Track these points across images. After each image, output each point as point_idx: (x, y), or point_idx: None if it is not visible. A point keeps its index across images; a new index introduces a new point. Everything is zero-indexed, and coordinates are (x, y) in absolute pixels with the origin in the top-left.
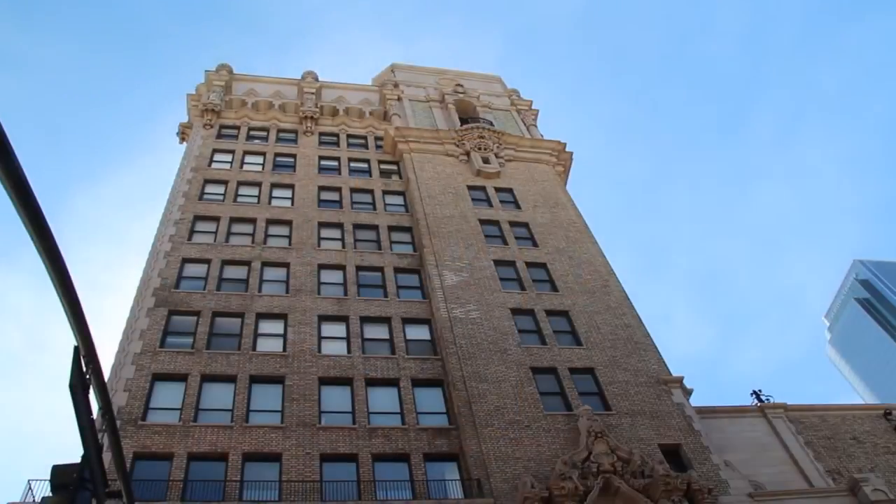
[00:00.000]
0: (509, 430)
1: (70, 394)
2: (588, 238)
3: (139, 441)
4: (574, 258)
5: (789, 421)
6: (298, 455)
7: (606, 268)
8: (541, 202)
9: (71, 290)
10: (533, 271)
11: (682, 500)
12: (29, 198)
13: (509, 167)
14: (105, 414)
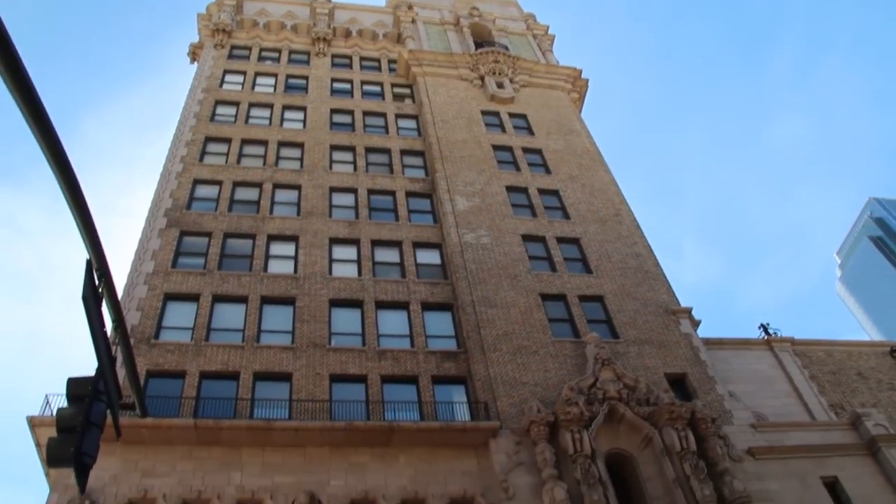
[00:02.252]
0: (517, 355)
1: (83, 305)
2: (601, 166)
3: (152, 359)
4: (586, 186)
5: (795, 355)
6: (308, 375)
7: (619, 197)
8: (554, 129)
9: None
10: (545, 198)
11: (685, 428)
12: (33, 96)
13: (524, 93)
14: (118, 328)
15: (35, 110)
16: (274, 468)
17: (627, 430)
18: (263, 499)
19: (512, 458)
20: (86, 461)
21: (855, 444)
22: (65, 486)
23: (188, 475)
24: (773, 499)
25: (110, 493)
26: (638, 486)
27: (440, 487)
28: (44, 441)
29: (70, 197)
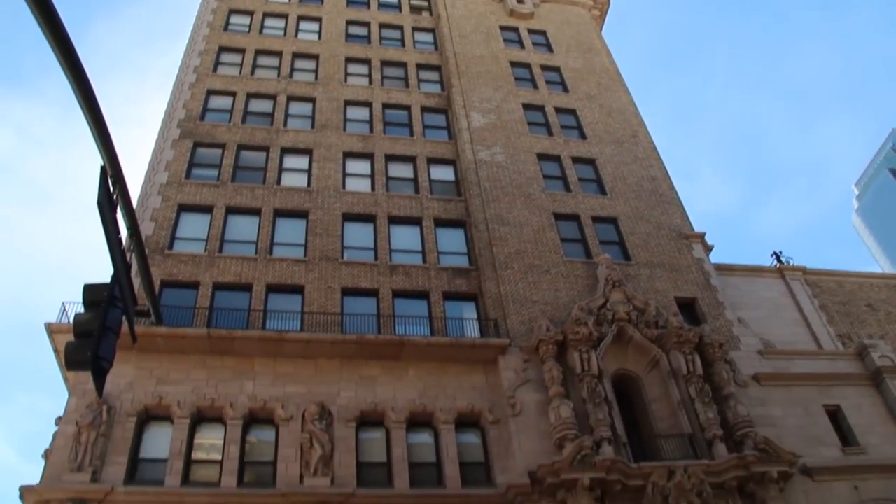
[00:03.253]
0: (528, 274)
1: (98, 212)
2: (620, 86)
3: (166, 269)
4: (604, 106)
5: (806, 284)
6: (320, 288)
7: (637, 118)
8: (574, 47)
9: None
10: (562, 117)
11: (692, 352)
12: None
13: (544, 8)
14: (133, 235)
15: (47, 12)
16: (285, 378)
17: (635, 351)
18: (275, 408)
19: (520, 375)
20: (102, 365)
21: (860, 374)
22: (83, 391)
23: (202, 383)
24: (776, 424)
25: (126, 399)
26: (643, 407)
27: (448, 402)
28: (62, 347)
29: (83, 100)
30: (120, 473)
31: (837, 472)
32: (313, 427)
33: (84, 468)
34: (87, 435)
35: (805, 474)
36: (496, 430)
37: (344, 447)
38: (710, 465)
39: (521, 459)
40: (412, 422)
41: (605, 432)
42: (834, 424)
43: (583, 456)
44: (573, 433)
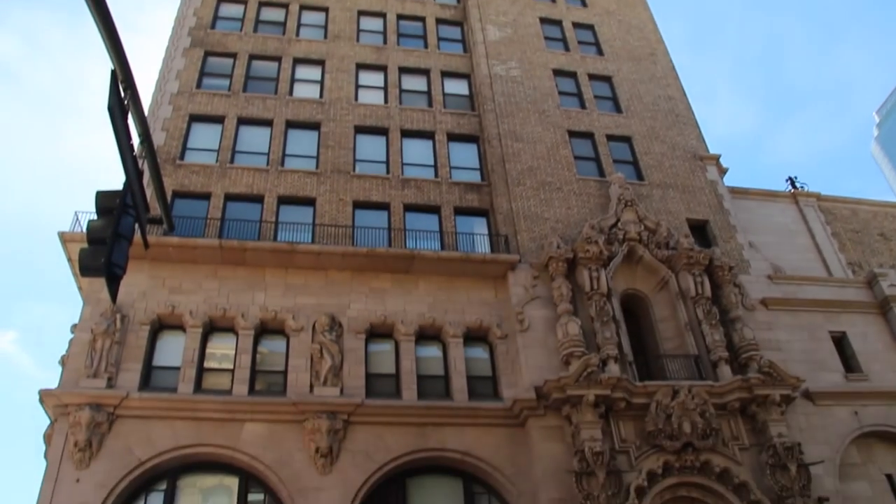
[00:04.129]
0: (540, 191)
1: (109, 117)
2: (640, 2)
3: (177, 180)
4: (623, 22)
5: (820, 210)
6: (332, 200)
7: (656, 35)
8: None
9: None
10: (579, 32)
11: (702, 274)
12: None
13: None
14: (144, 142)
15: None
16: (296, 290)
17: (644, 271)
18: (286, 318)
19: (529, 291)
20: (116, 271)
21: (868, 302)
22: (97, 299)
23: (213, 293)
24: (781, 348)
25: (139, 308)
26: (650, 327)
27: (457, 316)
28: (75, 256)
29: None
30: (134, 380)
31: (839, 398)
32: (323, 338)
33: (100, 374)
34: (102, 342)
35: (807, 398)
36: (504, 346)
37: (353, 358)
38: (713, 386)
39: (527, 375)
40: (421, 335)
41: (611, 350)
42: (838, 351)
43: (589, 373)
44: (580, 350)
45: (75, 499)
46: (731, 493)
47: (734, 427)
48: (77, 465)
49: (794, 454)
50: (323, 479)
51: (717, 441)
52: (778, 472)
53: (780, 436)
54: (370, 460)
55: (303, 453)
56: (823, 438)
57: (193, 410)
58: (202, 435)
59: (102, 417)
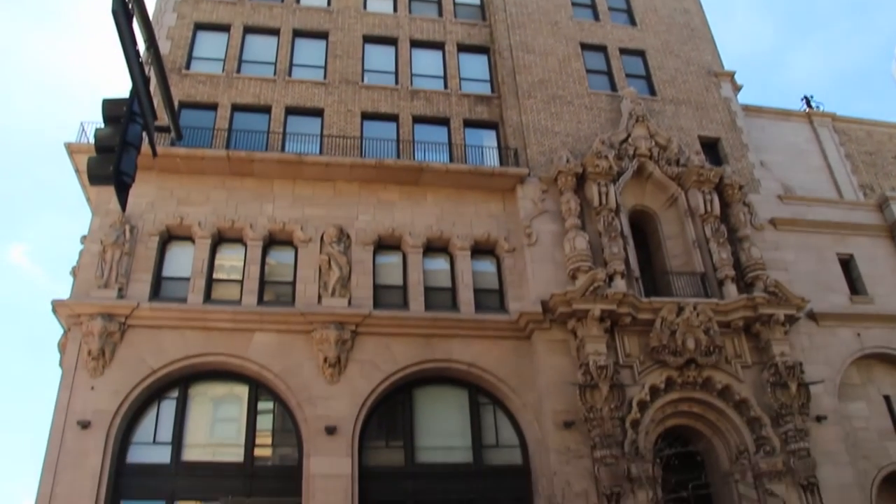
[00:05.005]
0: (551, 104)
1: (113, 21)
2: None
3: (183, 90)
4: None
5: (834, 131)
6: (340, 111)
7: None
8: None
9: None
10: None
11: (711, 192)
12: None
13: None
14: (150, 47)
15: None
16: (304, 201)
17: (654, 188)
18: (294, 230)
19: (537, 205)
20: (125, 179)
21: (877, 225)
22: (105, 210)
23: (222, 204)
24: (788, 269)
25: (148, 219)
26: (658, 244)
27: (465, 229)
28: (82, 167)
29: None
30: (144, 290)
31: (843, 319)
32: (331, 249)
33: (110, 285)
34: (112, 253)
35: (811, 319)
36: (511, 259)
37: (361, 269)
38: (719, 304)
39: (534, 288)
40: (429, 247)
41: (618, 266)
42: (845, 273)
43: (595, 287)
44: (587, 265)
45: (91, 406)
46: (732, 410)
47: (737, 345)
48: (91, 374)
49: (795, 373)
50: (331, 388)
51: (719, 358)
52: (778, 390)
53: (782, 355)
54: (377, 370)
55: (311, 363)
56: (825, 359)
57: (203, 320)
58: (212, 344)
59: (114, 327)
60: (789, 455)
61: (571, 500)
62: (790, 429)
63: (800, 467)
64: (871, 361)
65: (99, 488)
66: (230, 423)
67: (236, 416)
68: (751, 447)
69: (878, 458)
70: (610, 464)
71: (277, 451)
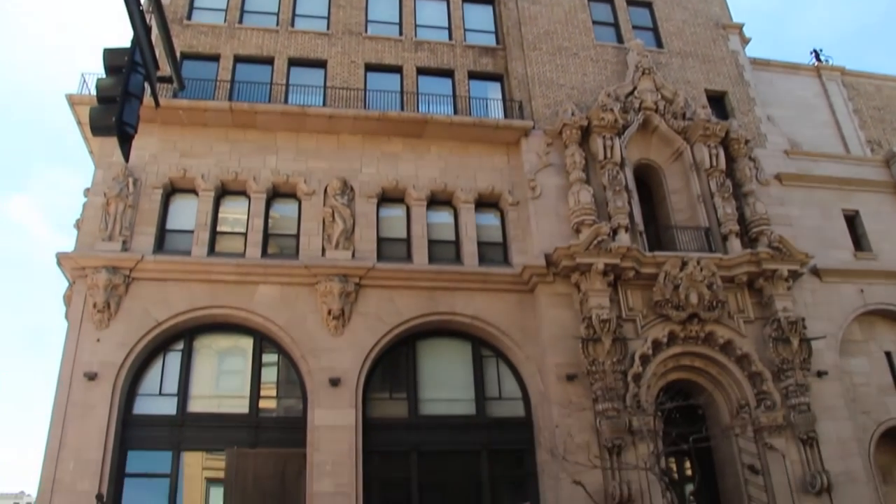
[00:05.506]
0: (556, 56)
1: None
2: None
3: (185, 41)
4: None
5: (843, 86)
6: (343, 63)
7: None
8: None
9: None
10: None
11: (717, 146)
12: None
13: None
14: None
15: None
16: (308, 153)
17: (659, 142)
18: (297, 182)
19: (542, 158)
20: (127, 130)
21: (884, 181)
22: (108, 163)
23: (225, 157)
24: (792, 224)
25: (151, 172)
26: (662, 198)
27: (469, 182)
28: (85, 119)
29: None
30: (148, 243)
31: (846, 275)
32: (335, 202)
33: (114, 238)
34: (115, 206)
35: (814, 274)
36: (515, 212)
37: (365, 222)
38: (722, 258)
39: (538, 242)
40: (433, 200)
41: (622, 220)
42: (850, 229)
43: (599, 241)
44: (591, 219)
45: (97, 357)
46: (733, 364)
47: (740, 300)
48: (97, 326)
49: (798, 328)
50: (335, 340)
51: (722, 313)
52: (780, 345)
53: (784, 310)
54: (381, 323)
55: (315, 315)
56: (827, 314)
57: (207, 273)
58: (216, 297)
59: (119, 280)
60: (789, 410)
61: (573, 451)
62: (791, 384)
63: (800, 422)
64: (873, 318)
65: (106, 439)
66: (235, 374)
67: (241, 368)
68: (751, 401)
69: (878, 414)
70: (611, 417)
71: (282, 402)
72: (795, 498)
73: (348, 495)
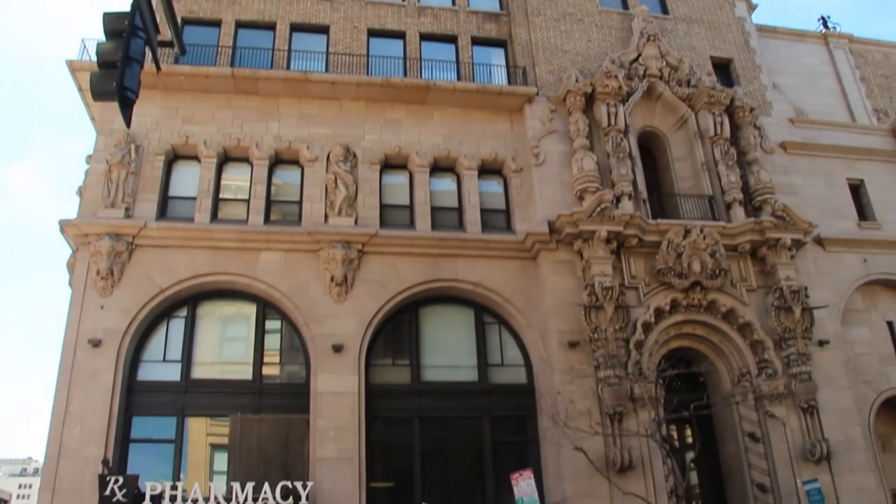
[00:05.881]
0: (561, 22)
1: None
2: None
3: (186, 6)
4: None
5: (850, 53)
6: (346, 28)
7: None
8: None
9: None
10: None
11: (722, 114)
12: None
13: None
14: None
15: None
16: (310, 120)
17: (663, 109)
18: (300, 149)
19: (545, 125)
20: (128, 95)
21: (890, 150)
22: (110, 129)
23: (227, 123)
24: (797, 193)
25: (153, 138)
26: (666, 166)
27: (472, 148)
28: (85, 85)
29: None
30: (151, 210)
31: (850, 245)
32: (338, 168)
33: (117, 205)
34: (118, 173)
35: (818, 244)
36: (518, 180)
37: (368, 189)
38: (726, 227)
39: (541, 209)
40: (436, 167)
41: (626, 187)
42: (854, 198)
43: (602, 209)
44: (594, 186)
45: (101, 324)
46: (735, 332)
47: (743, 268)
48: (101, 293)
49: (800, 297)
50: (338, 306)
51: (725, 281)
52: (782, 314)
53: (787, 279)
54: (384, 289)
55: (318, 282)
56: (830, 284)
57: (210, 240)
58: (220, 263)
59: (122, 247)
60: (790, 378)
61: (574, 418)
62: (792, 352)
63: (800, 390)
64: (876, 287)
65: (111, 405)
66: (238, 341)
67: (244, 335)
68: (753, 370)
69: (879, 383)
70: (613, 384)
71: (285, 368)
72: (795, 465)
73: (351, 460)
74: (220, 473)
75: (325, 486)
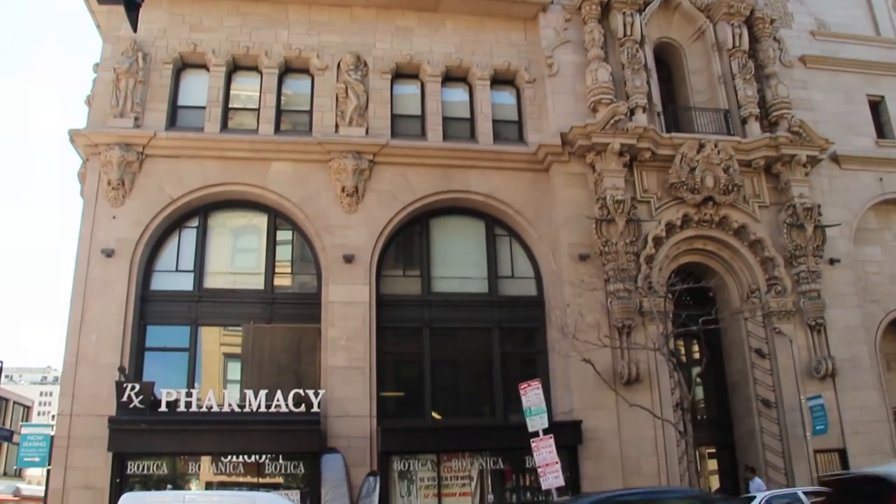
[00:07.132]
0: None
1: None
2: None
3: None
4: None
5: None
6: None
7: None
8: None
9: None
10: None
11: (741, 26)
12: None
13: None
14: None
15: None
16: (320, 27)
17: (681, 19)
18: (310, 57)
19: (560, 34)
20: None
21: None
22: (116, 37)
23: (236, 31)
24: (815, 108)
25: (161, 47)
26: (682, 78)
27: (485, 58)
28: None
29: None
30: (161, 119)
31: (866, 163)
32: (349, 77)
33: (126, 114)
34: (126, 82)
35: (833, 161)
36: (531, 90)
37: (379, 98)
38: (741, 142)
39: (554, 120)
40: (447, 76)
41: (640, 100)
42: (873, 115)
43: (616, 121)
44: (608, 98)
45: (113, 234)
46: (746, 249)
47: (756, 184)
48: (112, 203)
49: (813, 215)
50: (349, 217)
51: (737, 197)
52: (794, 231)
53: (801, 196)
54: (395, 200)
55: (329, 192)
56: (843, 202)
57: (220, 150)
58: (230, 174)
59: (132, 157)
60: (800, 296)
61: (583, 330)
62: (803, 270)
63: (809, 308)
64: (890, 206)
65: (126, 314)
66: (250, 251)
67: (255, 246)
68: (762, 286)
69: (887, 303)
70: (623, 297)
71: (297, 279)
72: (800, 382)
73: (362, 369)
74: (233, 382)
75: (336, 394)
